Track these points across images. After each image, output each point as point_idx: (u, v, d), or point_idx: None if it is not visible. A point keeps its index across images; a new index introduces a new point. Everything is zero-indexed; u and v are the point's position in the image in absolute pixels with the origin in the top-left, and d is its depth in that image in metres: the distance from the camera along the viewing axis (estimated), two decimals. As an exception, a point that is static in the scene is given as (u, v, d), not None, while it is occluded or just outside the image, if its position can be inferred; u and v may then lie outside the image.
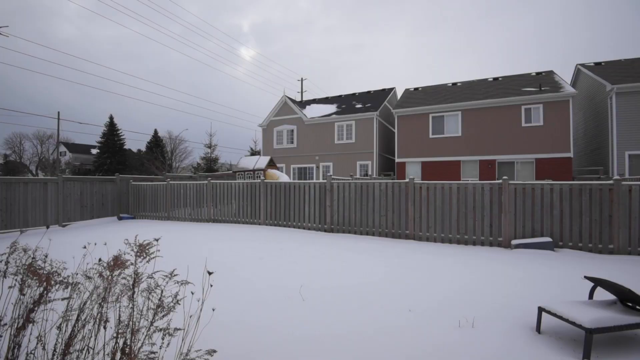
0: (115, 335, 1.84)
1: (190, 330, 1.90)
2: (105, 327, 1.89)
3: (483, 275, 4.96)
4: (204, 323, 2.26)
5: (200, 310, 1.98)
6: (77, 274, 1.99)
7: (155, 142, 38.33)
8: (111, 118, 36.66)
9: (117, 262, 1.95)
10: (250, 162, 15.03)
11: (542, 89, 18.04)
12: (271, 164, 15.19)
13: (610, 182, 6.42)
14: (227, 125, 75.04)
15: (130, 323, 1.85)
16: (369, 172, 22.13)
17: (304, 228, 9.35)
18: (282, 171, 23.91)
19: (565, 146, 16.96)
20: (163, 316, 1.86)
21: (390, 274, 5.02)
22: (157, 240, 2.43)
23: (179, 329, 1.87)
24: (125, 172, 32.44)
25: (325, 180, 9.18)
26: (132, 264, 2.01)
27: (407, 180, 8.10)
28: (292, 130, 25.20)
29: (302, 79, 34.13)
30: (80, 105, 71.74)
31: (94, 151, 40.95)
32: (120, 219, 12.49)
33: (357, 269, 5.30)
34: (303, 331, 3.09)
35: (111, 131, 36.15)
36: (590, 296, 3.37)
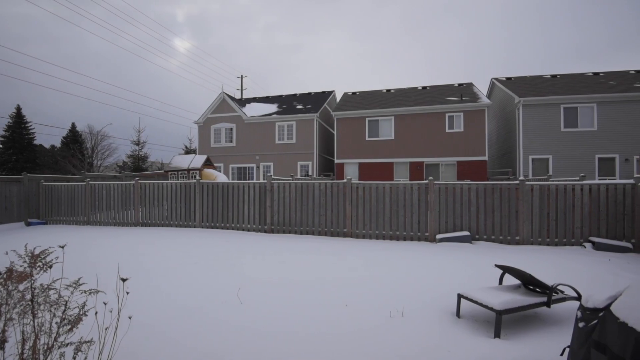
0: (19, 354, 1.61)
1: (108, 342, 1.75)
2: (3, 348, 1.64)
3: (412, 267, 5.34)
4: (122, 333, 2.10)
5: (117, 320, 1.83)
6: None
7: (73, 138, 34.13)
8: (18, 109, 31.75)
9: (14, 274, 1.71)
10: (185, 161, 14.21)
11: (463, 99, 20.03)
12: (208, 163, 14.53)
13: (517, 182, 7.37)
14: (159, 120, 70.06)
15: (36, 340, 1.63)
16: (310, 173, 22.39)
17: (243, 229, 9.13)
18: (220, 171, 23.03)
19: (482, 150, 19.05)
20: (69, 330, 1.68)
21: (328, 271, 5.13)
22: (73, 246, 2.19)
23: (87, 342, 1.70)
24: (35, 171, 28.37)
25: (265, 181, 9.07)
26: (31, 276, 1.78)
27: (345, 180, 8.37)
28: (231, 129, 24.43)
29: (242, 76, 33.26)
30: (-26, 92, 60.94)
31: (-6, 147, 35.05)
32: (28, 224, 10.92)
33: (299, 267, 5.33)
34: (247, 333, 3.02)
35: (18, 124, 31.29)
36: (500, 282, 3.84)
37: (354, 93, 25.80)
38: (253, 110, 25.15)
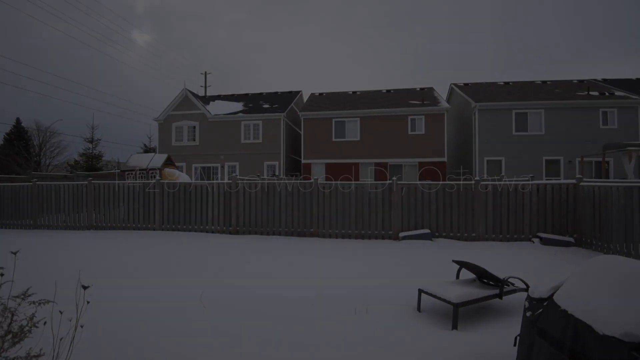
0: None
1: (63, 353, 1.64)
2: None
3: (376, 265, 5.48)
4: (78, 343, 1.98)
5: (75, 329, 1.72)
6: None
7: (18, 134, 31.23)
8: (-52, 101, 28.63)
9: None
10: (144, 160, 13.57)
11: (424, 102, 20.84)
12: (168, 163, 13.98)
13: (473, 182, 7.80)
14: (115, 117, 66.10)
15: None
16: (277, 173, 22.20)
17: (207, 231, 8.86)
18: (182, 170, 22.18)
19: (441, 152, 19.93)
20: (15, 342, 1.55)
21: (293, 271, 5.13)
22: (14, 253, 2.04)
23: (35, 355, 1.58)
24: (-30, 171, 25.74)
25: (230, 181, 8.88)
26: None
27: (311, 180, 8.41)
28: (194, 127, 23.62)
29: (205, 72, 32.15)
30: None
31: None
32: (-39, 229, 9.88)
33: (265, 268, 5.28)
34: (212, 337, 2.94)
35: (-51, 118, 28.21)
36: (457, 276, 4.04)
37: (321, 94, 25.95)
38: (218, 109, 24.49)
